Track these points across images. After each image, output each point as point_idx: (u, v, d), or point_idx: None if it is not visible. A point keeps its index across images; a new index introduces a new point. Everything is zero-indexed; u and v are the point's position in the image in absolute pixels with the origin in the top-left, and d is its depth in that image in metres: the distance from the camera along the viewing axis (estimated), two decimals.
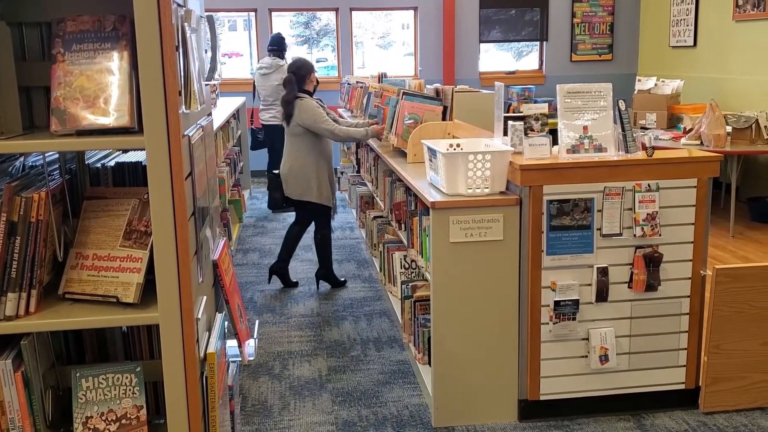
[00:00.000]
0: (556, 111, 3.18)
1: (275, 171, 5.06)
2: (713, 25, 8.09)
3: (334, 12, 9.74)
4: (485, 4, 9.65)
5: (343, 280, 5.24)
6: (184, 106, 1.79)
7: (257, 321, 3.09)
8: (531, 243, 3.08)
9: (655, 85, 7.75)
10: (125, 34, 1.72)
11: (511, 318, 3.17)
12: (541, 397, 3.20)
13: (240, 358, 2.20)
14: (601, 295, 3.14)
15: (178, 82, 1.72)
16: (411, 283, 3.84)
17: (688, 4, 8.51)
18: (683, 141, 6.26)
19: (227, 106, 7.31)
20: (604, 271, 3.12)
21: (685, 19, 8.62)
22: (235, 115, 7.81)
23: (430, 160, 3.38)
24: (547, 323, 3.14)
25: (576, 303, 3.11)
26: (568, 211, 3.07)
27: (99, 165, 2.15)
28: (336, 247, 5.89)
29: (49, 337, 1.98)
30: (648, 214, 3.09)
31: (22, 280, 1.73)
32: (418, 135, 4.11)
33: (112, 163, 2.17)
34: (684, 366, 3.26)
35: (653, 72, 9.01)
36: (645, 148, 3.20)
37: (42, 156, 2.09)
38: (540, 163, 3.07)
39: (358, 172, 6.82)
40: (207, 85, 2.22)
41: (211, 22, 2.25)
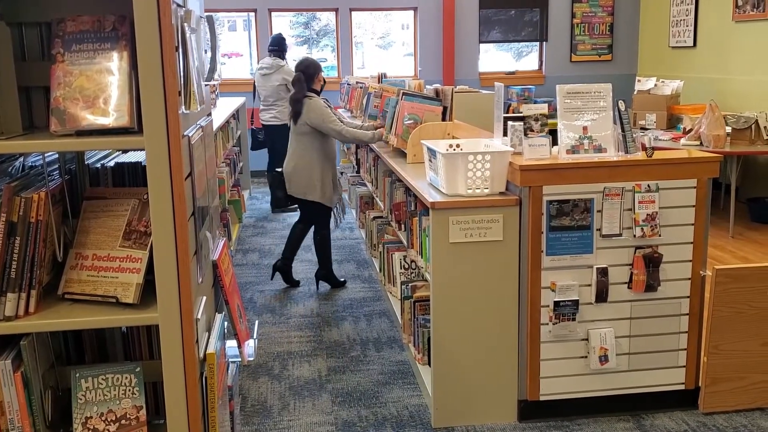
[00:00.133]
0: (556, 111, 3.18)
1: (278, 169, 5.06)
2: (713, 25, 8.09)
3: (334, 12, 9.75)
4: (485, 4, 9.65)
5: (343, 281, 5.24)
6: (183, 107, 1.78)
7: (257, 321, 3.09)
8: (531, 243, 3.08)
9: (655, 85, 7.75)
10: (125, 35, 1.72)
11: (510, 318, 3.17)
12: (541, 398, 3.20)
13: (239, 359, 2.20)
14: (601, 295, 3.14)
15: (178, 82, 1.72)
16: (411, 284, 3.85)
17: (688, 4, 8.52)
18: (683, 141, 6.26)
19: (227, 106, 7.31)
20: (603, 272, 3.12)
21: (684, 19, 8.62)
22: (235, 115, 7.82)
23: (430, 161, 3.38)
24: (547, 324, 3.14)
25: (576, 303, 3.11)
26: (567, 211, 3.07)
27: (99, 165, 2.15)
28: (336, 248, 5.89)
29: (48, 338, 1.98)
30: (648, 215, 3.09)
31: (21, 281, 1.73)
32: (417, 135, 4.11)
33: (112, 163, 2.17)
34: (684, 366, 3.26)
35: (653, 72, 9.02)
36: (645, 148, 3.20)
37: (42, 156, 2.09)
38: (540, 164, 3.07)
39: (358, 172, 6.81)
40: (206, 85, 2.22)
41: (210, 22, 2.25)
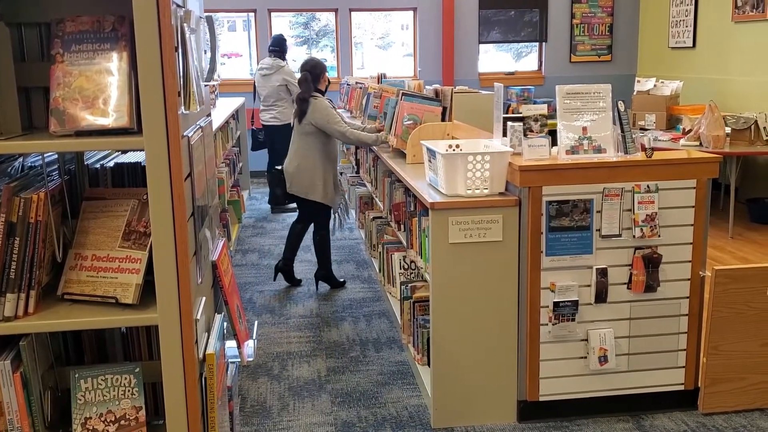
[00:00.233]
0: (555, 112, 3.18)
1: (278, 167, 5.07)
2: (712, 26, 8.09)
3: (334, 13, 9.75)
4: (484, 4, 9.65)
5: (343, 281, 5.24)
6: (183, 107, 1.78)
7: (256, 322, 3.08)
8: (530, 244, 3.08)
9: (655, 86, 7.76)
10: (124, 35, 1.72)
11: (510, 319, 3.17)
12: (541, 398, 3.20)
13: (239, 359, 2.20)
14: (601, 296, 3.14)
15: (178, 82, 1.72)
16: (410, 284, 3.85)
17: (688, 5, 8.52)
18: (682, 142, 6.26)
19: (226, 106, 7.31)
20: (603, 272, 3.12)
21: (684, 20, 8.62)
22: (235, 115, 7.81)
23: (430, 161, 3.38)
24: (547, 324, 3.14)
25: (575, 304, 3.11)
26: (567, 212, 3.07)
27: (98, 166, 2.15)
28: (335, 248, 5.89)
29: (48, 338, 1.97)
30: (647, 215, 3.09)
31: (21, 281, 1.73)
32: (417, 136, 4.11)
33: (111, 163, 2.17)
34: (683, 367, 3.26)
35: (652, 73, 9.02)
36: (644, 149, 3.20)
37: (41, 156, 2.09)
38: (539, 164, 3.07)
39: (358, 172, 6.82)
40: (206, 85, 2.22)
41: (210, 22, 2.24)
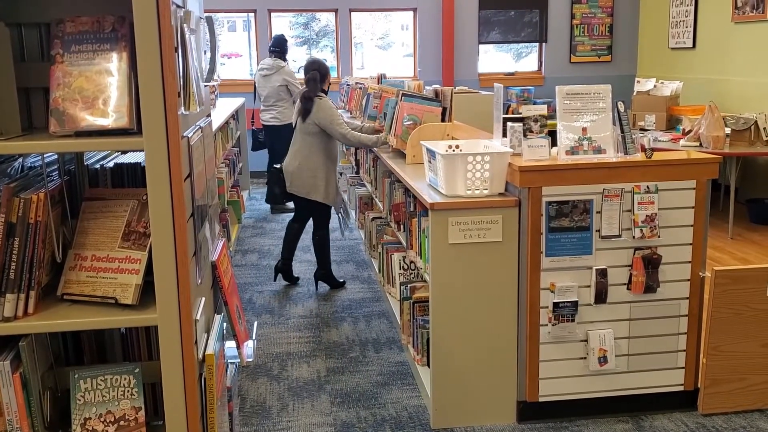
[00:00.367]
0: (555, 112, 3.18)
1: (276, 165, 5.08)
2: (712, 26, 8.09)
3: (334, 13, 9.74)
4: (484, 5, 9.65)
5: (342, 281, 5.24)
6: (183, 108, 1.78)
7: (256, 322, 3.09)
8: (530, 244, 3.08)
9: (654, 86, 7.76)
10: (124, 36, 1.72)
11: (509, 319, 3.17)
12: (540, 399, 3.20)
13: (238, 360, 2.20)
14: (600, 296, 3.14)
15: (177, 83, 1.72)
16: (410, 285, 3.84)
17: (687, 5, 8.52)
18: (682, 142, 6.26)
19: (226, 106, 7.31)
20: (603, 273, 3.12)
21: (684, 20, 8.62)
22: (234, 116, 7.81)
23: (429, 162, 3.38)
24: (546, 325, 3.14)
25: (575, 304, 3.11)
26: (567, 212, 3.07)
27: (98, 166, 2.15)
28: (335, 248, 5.89)
29: (47, 339, 1.97)
30: (647, 216, 3.09)
31: (20, 281, 1.73)
32: (417, 136, 4.11)
33: (111, 164, 2.17)
34: (683, 368, 3.26)
35: (652, 73, 9.02)
36: (644, 149, 3.20)
37: (41, 157, 2.09)
38: (539, 165, 3.07)
39: (358, 173, 6.82)
40: (206, 86, 2.22)
41: (210, 23, 2.24)
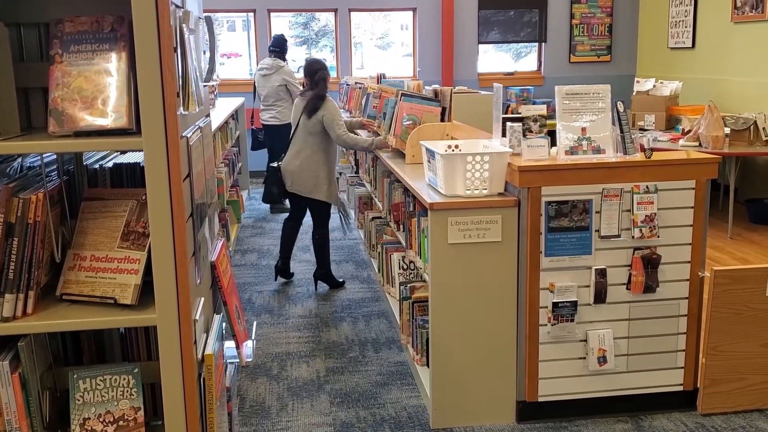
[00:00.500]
0: (555, 112, 3.18)
1: (272, 164, 5.08)
2: (712, 26, 8.10)
3: (333, 13, 9.74)
4: (484, 5, 9.65)
5: (342, 281, 5.24)
6: (182, 108, 1.78)
7: (255, 322, 3.09)
8: (529, 244, 3.08)
9: (654, 86, 7.76)
10: (123, 36, 1.71)
11: (509, 319, 3.17)
12: (539, 399, 3.20)
13: (238, 360, 2.20)
14: (600, 296, 3.14)
15: (176, 83, 1.72)
16: (409, 284, 3.84)
17: (687, 5, 8.52)
18: (681, 142, 6.26)
19: (226, 106, 7.31)
20: (602, 273, 3.12)
21: (683, 20, 8.63)
22: (234, 115, 7.82)
23: (429, 161, 3.38)
24: (546, 325, 3.14)
25: (574, 304, 3.11)
26: (566, 212, 3.07)
27: (97, 166, 2.15)
28: (334, 248, 5.89)
29: (46, 339, 1.97)
30: (646, 216, 3.09)
31: (19, 282, 1.73)
32: (416, 136, 4.11)
33: (110, 164, 2.17)
34: (682, 368, 3.26)
35: (652, 73, 9.02)
36: (643, 149, 3.20)
37: (40, 157, 2.09)
38: (538, 165, 3.07)
39: (357, 172, 6.81)
40: (205, 86, 2.22)
41: (209, 23, 2.24)
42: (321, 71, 4.98)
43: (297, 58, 9.85)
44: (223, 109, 6.98)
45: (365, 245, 5.91)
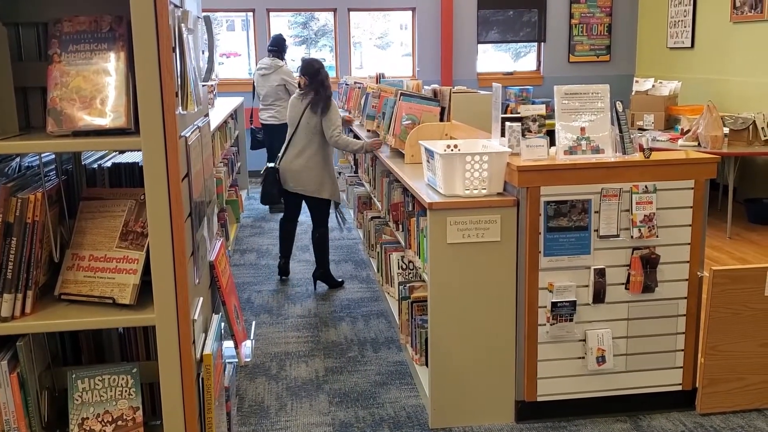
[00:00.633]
0: (554, 112, 3.18)
1: (270, 165, 5.08)
2: (711, 26, 8.10)
3: (333, 12, 9.74)
4: (483, 4, 9.65)
5: (341, 281, 5.25)
6: (180, 107, 1.78)
7: (254, 322, 3.09)
8: (528, 244, 3.08)
9: (653, 86, 7.76)
10: (122, 35, 1.71)
11: (508, 319, 3.17)
12: (538, 398, 3.21)
13: (237, 360, 2.20)
14: (598, 296, 3.14)
15: (175, 83, 1.71)
16: (408, 284, 3.84)
17: (686, 5, 8.53)
18: (680, 142, 6.27)
19: (225, 106, 7.31)
20: (601, 273, 3.12)
21: (682, 20, 8.63)
22: (233, 115, 7.81)
23: (428, 161, 3.38)
24: (544, 324, 3.14)
25: (573, 304, 3.12)
26: (565, 212, 3.07)
27: (95, 166, 2.15)
28: (333, 248, 5.89)
29: (45, 339, 1.97)
30: (645, 216, 3.09)
31: (18, 281, 1.72)
32: (415, 136, 4.11)
33: (109, 163, 2.17)
34: (681, 367, 3.27)
35: (651, 73, 9.02)
36: (642, 149, 3.20)
37: (38, 157, 2.08)
38: (537, 165, 3.07)
39: (356, 172, 6.81)
40: (204, 85, 2.22)
41: (208, 22, 2.24)
42: (322, 71, 4.99)
43: (296, 57, 9.84)
44: (222, 108, 6.98)
45: (364, 245, 5.91)
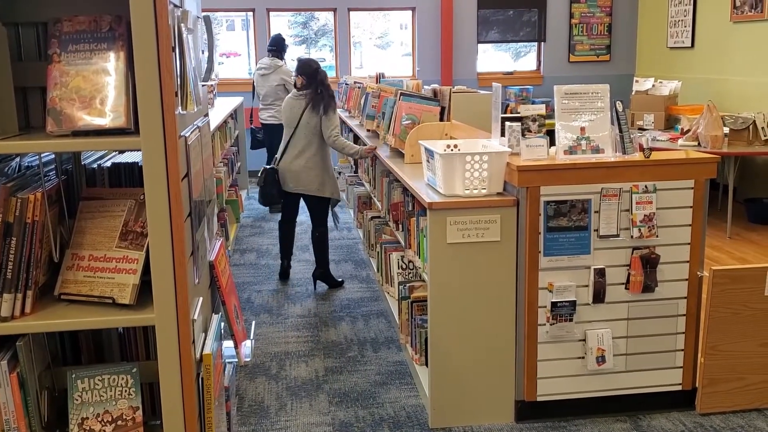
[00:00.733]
0: (554, 112, 3.18)
1: (268, 167, 5.08)
2: (711, 26, 8.10)
3: (333, 12, 9.74)
4: (483, 4, 9.65)
5: (341, 281, 5.24)
6: (180, 107, 1.78)
7: (254, 322, 3.09)
8: (528, 244, 3.08)
9: (653, 86, 7.76)
10: (122, 35, 1.71)
11: (508, 319, 3.17)
12: (538, 398, 3.20)
13: (236, 359, 2.20)
14: (598, 296, 3.14)
15: (175, 83, 1.71)
16: (408, 284, 3.84)
17: (686, 5, 8.52)
18: (680, 142, 6.27)
19: (225, 106, 7.31)
20: (601, 273, 3.12)
21: (682, 20, 8.63)
22: (233, 115, 7.81)
23: (428, 161, 3.38)
24: (544, 324, 3.14)
25: (573, 304, 3.12)
26: (565, 212, 3.07)
27: (95, 165, 2.15)
28: (333, 248, 5.89)
29: (44, 338, 1.97)
30: (645, 216, 3.09)
31: (17, 281, 1.72)
32: (415, 136, 4.11)
33: (109, 163, 2.17)
34: (681, 367, 3.27)
35: (651, 73, 9.02)
36: (642, 149, 3.20)
37: (38, 156, 2.08)
38: (537, 164, 3.07)
39: (356, 172, 6.81)
40: (204, 85, 2.22)
41: (207, 22, 2.24)
42: (320, 70, 5.00)
43: (295, 57, 9.84)
44: (222, 108, 6.98)
45: (364, 245, 5.91)
